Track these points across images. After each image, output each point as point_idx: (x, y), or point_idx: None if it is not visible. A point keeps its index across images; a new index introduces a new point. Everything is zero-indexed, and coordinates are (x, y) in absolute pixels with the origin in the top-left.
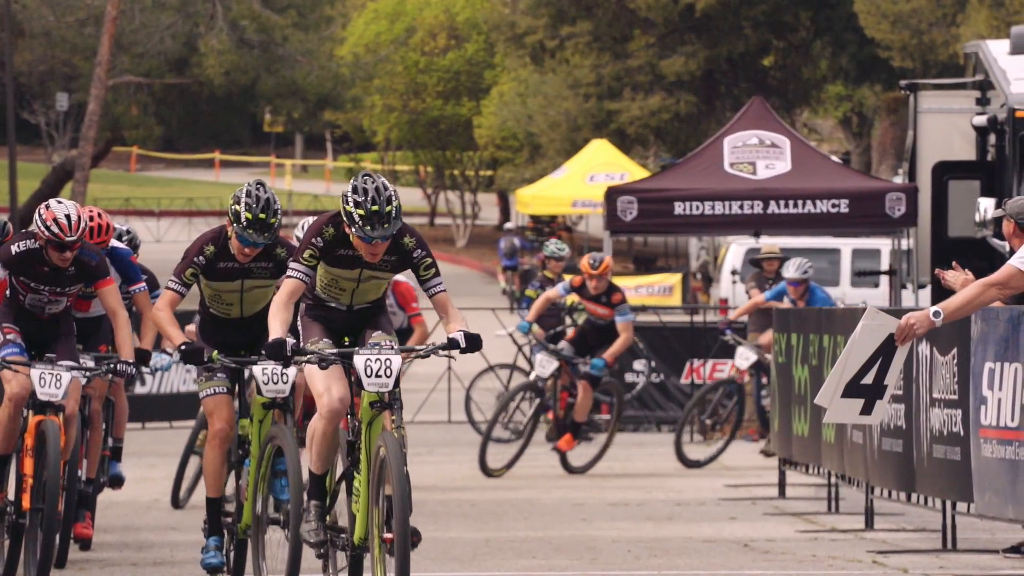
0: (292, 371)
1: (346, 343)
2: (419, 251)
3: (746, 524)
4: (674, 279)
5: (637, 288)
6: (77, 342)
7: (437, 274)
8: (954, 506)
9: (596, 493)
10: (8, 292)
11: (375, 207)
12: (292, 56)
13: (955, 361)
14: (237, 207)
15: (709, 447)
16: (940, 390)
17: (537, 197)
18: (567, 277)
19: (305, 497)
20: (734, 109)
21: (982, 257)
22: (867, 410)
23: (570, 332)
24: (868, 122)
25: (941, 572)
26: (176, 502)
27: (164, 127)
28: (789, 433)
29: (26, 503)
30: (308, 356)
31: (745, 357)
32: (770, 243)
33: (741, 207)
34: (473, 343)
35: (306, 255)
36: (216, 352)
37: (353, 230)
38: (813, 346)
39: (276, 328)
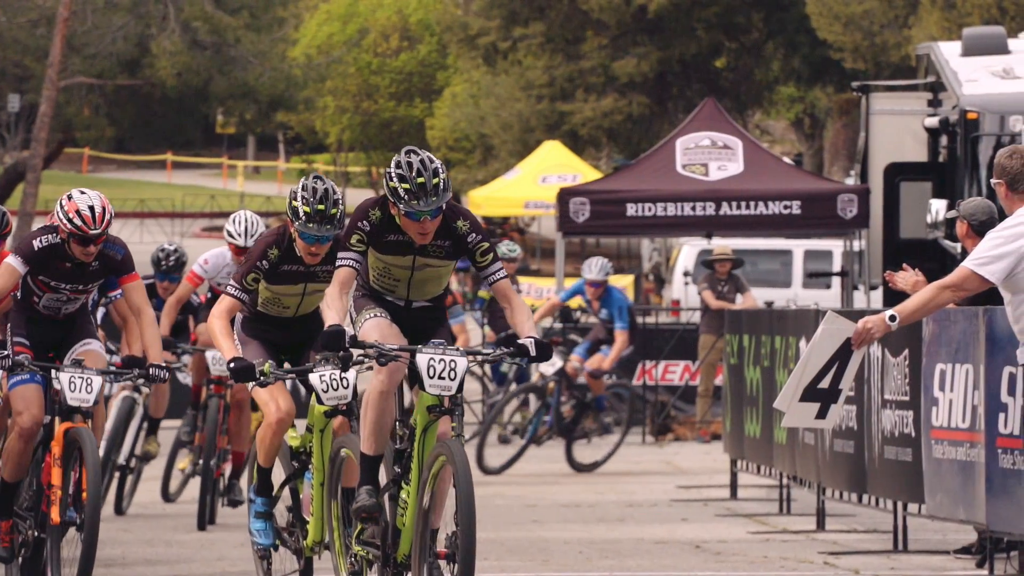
0: (352, 374)
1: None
2: (474, 235)
3: (698, 525)
4: (626, 280)
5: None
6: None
7: (496, 259)
8: (905, 507)
9: (548, 495)
10: (20, 294)
11: (421, 179)
12: (244, 57)
13: (907, 363)
14: (295, 203)
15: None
16: (892, 391)
17: (489, 198)
18: (521, 280)
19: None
20: (686, 111)
21: (933, 259)
22: (822, 414)
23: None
24: (820, 124)
25: (892, 573)
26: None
27: (116, 128)
28: (741, 434)
29: (55, 517)
30: (367, 350)
31: (552, 363)
32: (722, 244)
33: (693, 208)
34: (543, 352)
35: (353, 240)
36: (268, 364)
37: (400, 207)
38: (765, 347)
39: (332, 317)
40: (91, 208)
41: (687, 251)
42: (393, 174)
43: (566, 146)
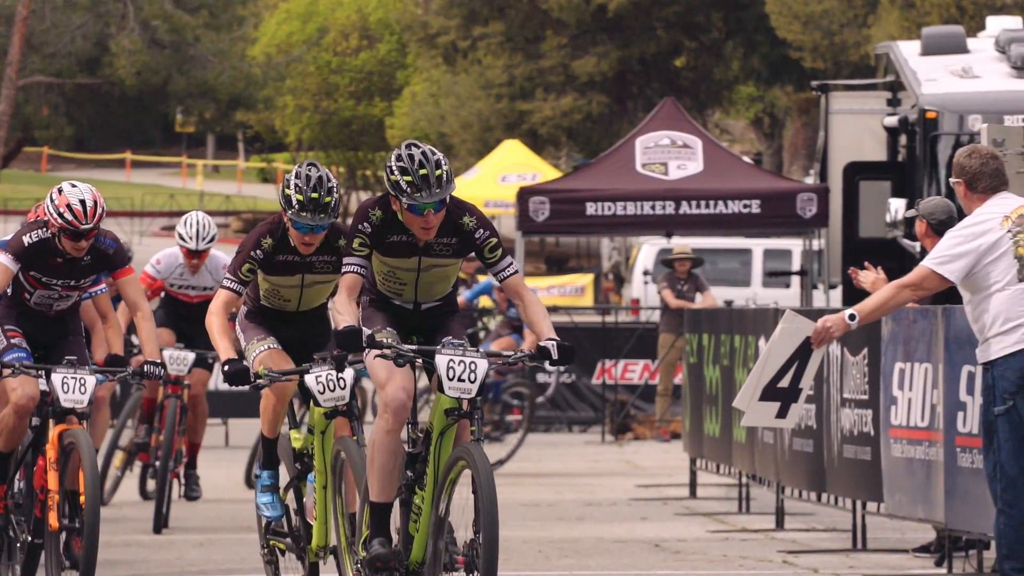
0: (349, 375)
1: (414, 341)
2: (482, 231)
3: (657, 524)
4: (586, 279)
5: (549, 288)
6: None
7: (505, 255)
8: (864, 506)
9: (508, 493)
10: (10, 290)
11: (423, 171)
12: (204, 56)
13: (865, 361)
14: (287, 191)
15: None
16: (851, 390)
17: None
18: (481, 278)
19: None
20: (646, 110)
21: (892, 258)
22: (782, 413)
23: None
24: (780, 123)
25: (851, 572)
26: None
27: (75, 127)
28: (700, 433)
29: (53, 522)
30: (383, 350)
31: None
32: (682, 243)
33: (653, 207)
34: (566, 355)
35: (356, 244)
36: (262, 368)
37: (403, 200)
38: (724, 346)
39: (345, 320)
40: (82, 202)
41: (647, 250)
42: (394, 167)
43: (526, 145)
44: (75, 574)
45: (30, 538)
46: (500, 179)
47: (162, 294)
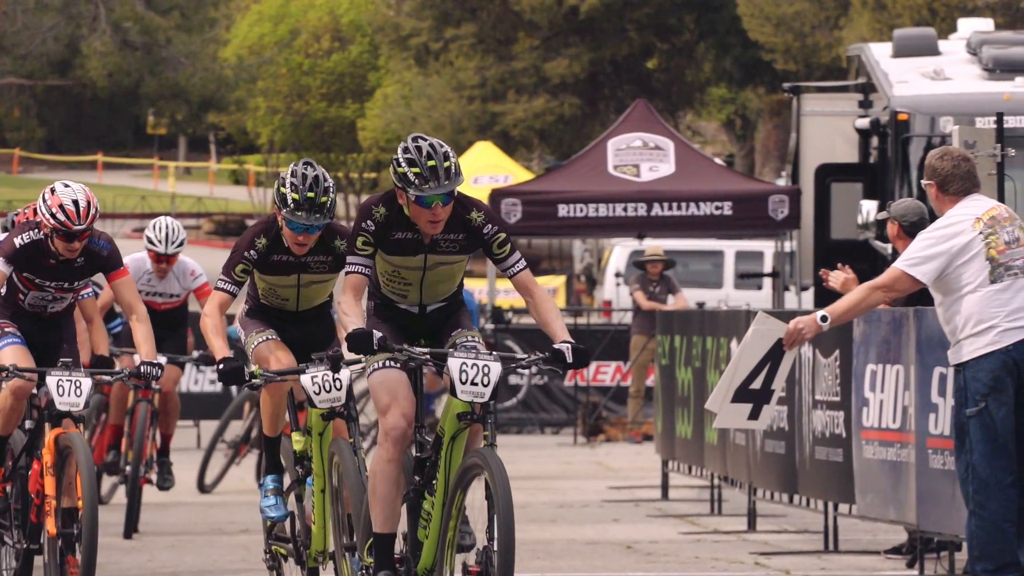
0: (345, 376)
1: (422, 344)
2: (490, 226)
3: (629, 526)
4: (558, 281)
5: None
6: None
7: (514, 250)
8: (836, 507)
9: (479, 496)
10: (4, 290)
11: (432, 162)
12: (175, 58)
13: (837, 363)
14: (283, 189)
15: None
16: (822, 392)
17: None
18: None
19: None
20: (618, 111)
21: (864, 259)
22: (755, 415)
23: None
24: (751, 125)
25: (823, 573)
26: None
27: (47, 129)
28: (672, 435)
29: (51, 528)
30: (395, 353)
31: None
32: (654, 245)
33: (625, 209)
34: (580, 358)
35: (359, 243)
36: (257, 368)
37: (410, 192)
38: (696, 348)
39: (353, 321)
40: (75, 203)
41: (619, 252)
42: (401, 159)
43: (498, 147)
44: None
45: (26, 544)
46: (472, 181)
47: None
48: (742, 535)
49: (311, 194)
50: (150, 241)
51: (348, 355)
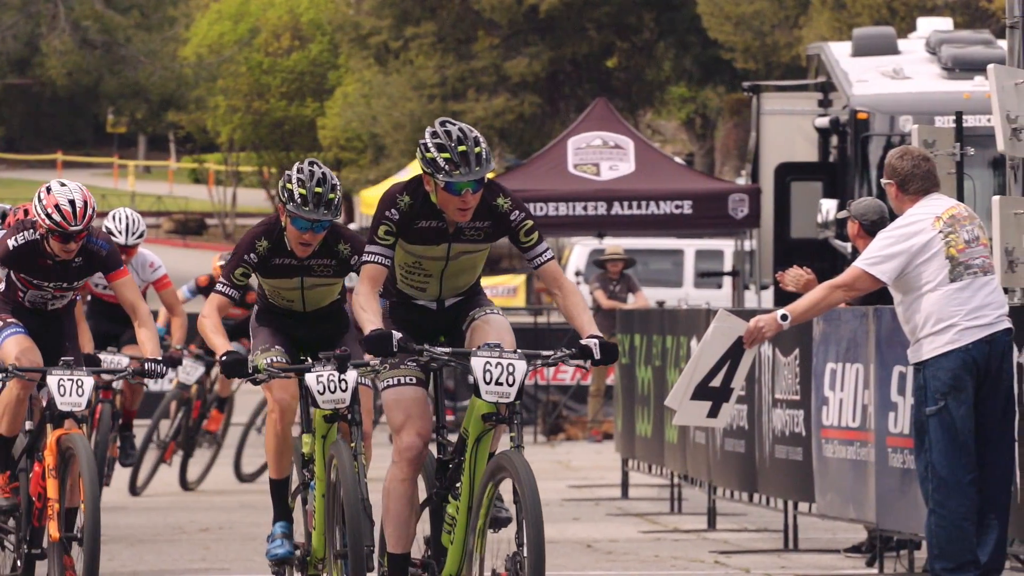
0: (351, 377)
1: (442, 341)
2: (517, 212)
3: (589, 525)
4: (518, 280)
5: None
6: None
7: (541, 240)
8: (796, 506)
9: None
10: (4, 286)
11: (462, 148)
12: (135, 57)
13: (797, 362)
14: (289, 185)
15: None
16: (782, 391)
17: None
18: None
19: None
20: (578, 110)
21: (824, 258)
22: (713, 413)
23: None
24: (711, 124)
25: (783, 572)
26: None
27: (6, 127)
28: (632, 434)
29: (54, 532)
30: (416, 355)
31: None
32: (614, 244)
33: (585, 208)
34: (609, 354)
35: (381, 232)
36: (263, 361)
37: (439, 178)
38: (656, 347)
39: (371, 319)
40: (72, 202)
41: (579, 251)
42: (430, 144)
43: None
44: None
45: (27, 549)
46: None
47: (88, 296)
48: (702, 534)
49: (319, 189)
50: (110, 231)
51: (358, 357)
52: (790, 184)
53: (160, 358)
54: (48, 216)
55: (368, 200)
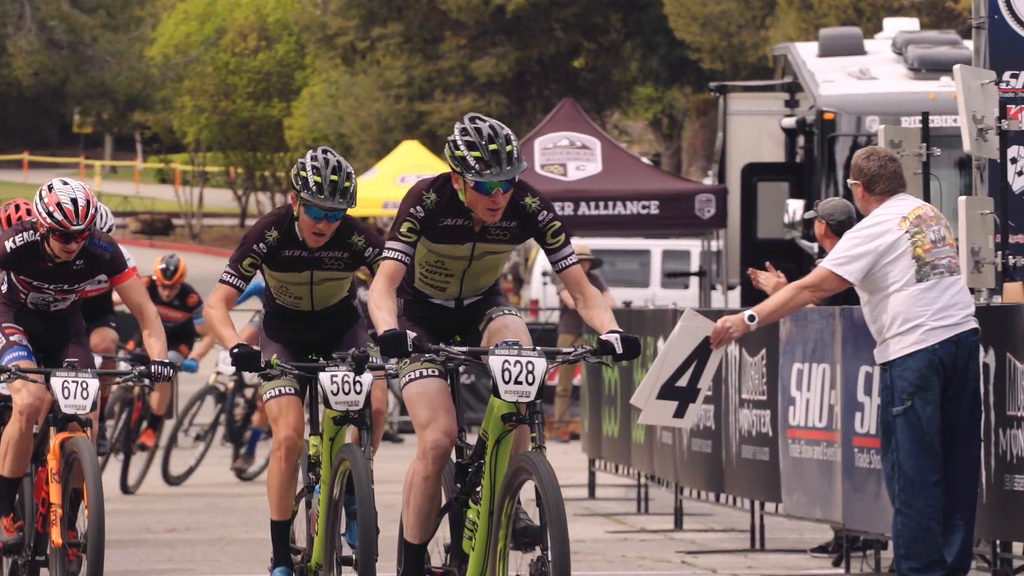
0: (367, 379)
1: (457, 341)
2: (545, 213)
3: None
4: None
5: None
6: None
7: (568, 242)
8: (762, 506)
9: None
10: (6, 287)
11: (493, 146)
12: (101, 57)
13: (764, 362)
14: (303, 173)
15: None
16: (749, 391)
17: None
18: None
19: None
20: (545, 111)
21: (790, 259)
22: (680, 413)
23: None
24: (678, 124)
25: (749, 572)
26: None
27: None
28: (599, 434)
29: (56, 538)
30: (431, 354)
31: (227, 361)
32: (581, 244)
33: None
34: (631, 348)
35: (404, 229)
36: (275, 356)
37: (468, 177)
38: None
39: (386, 318)
40: (74, 201)
41: None
42: (459, 142)
43: (424, 146)
44: None
45: (31, 556)
46: (399, 180)
47: None
48: (669, 534)
49: (334, 177)
50: None
51: (375, 359)
52: (757, 184)
53: (167, 360)
54: (49, 215)
55: None
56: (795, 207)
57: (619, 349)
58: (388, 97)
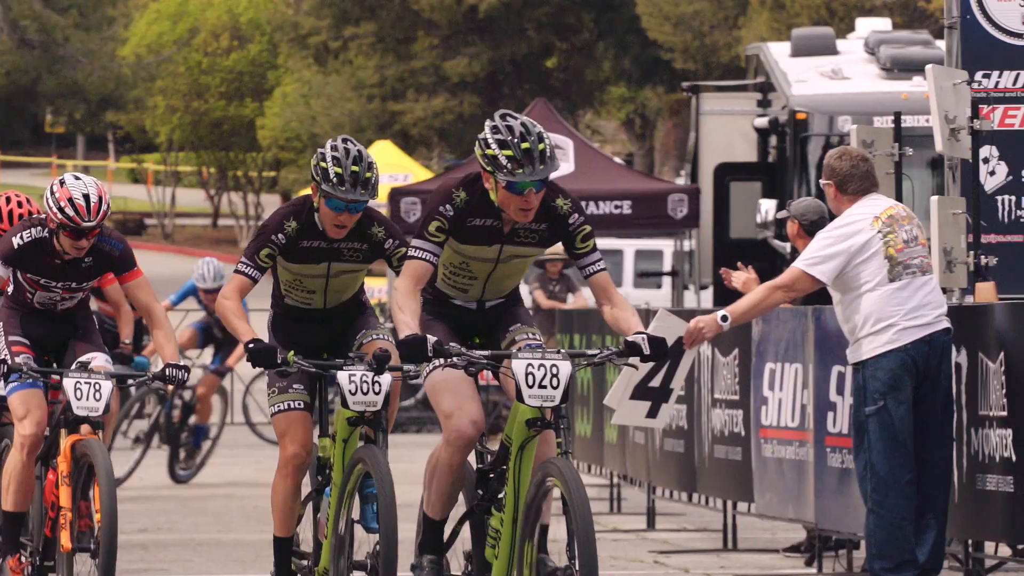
0: (386, 379)
1: (477, 343)
2: (576, 216)
3: None
4: None
5: None
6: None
7: (596, 248)
8: (735, 506)
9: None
10: (11, 288)
11: (525, 144)
12: (74, 56)
13: (736, 362)
14: (323, 164)
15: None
16: (722, 391)
17: None
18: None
19: (415, 550)
20: (517, 110)
21: (763, 258)
22: (653, 413)
23: None
24: (651, 124)
25: (722, 572)
26: None
27: None
28: (572, 434)
29: (66, 543)
30: (454, 358)
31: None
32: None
33: None
34: (658, 349)
35: (432, 228)
36: (292, 353)
37: (499, 176)
38: (596, 347)
39: (407, 322)
40: (86, 196)
41: None
42: (490, 140)
43: (397, 146)
44: None
45: (39, 561)
46: None
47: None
48: (641, 534)
49: (355, 168)
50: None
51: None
52: (729, 184)
53: (180, 363)
54: (60, 210)
55: None
56: (768, 207)
57: (646, 350)
58: (360, 97)
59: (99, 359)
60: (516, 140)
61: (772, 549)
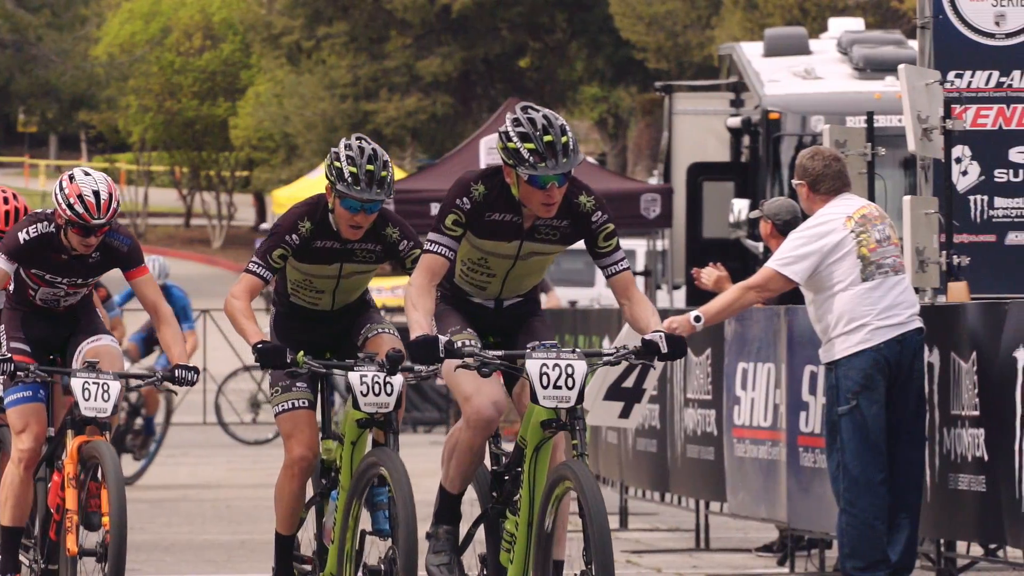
0: (398, 380)
1: (491, 342)
2: (599, 214)
3: None
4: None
5: (393, 289)
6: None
7: (619, 247)
8: (707, 506)
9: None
10: (13, 286)
11: (548, 137)
12: (46, 56)
13: (709, 362)
14: (337, 163)
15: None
16: (694, 390)
17: (293, 198)
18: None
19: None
20: (490, 110)
21: (736, 258)
22: (625, 413)
23: None
24: (624, 123)
25: (694, 571)
26: None
27: None
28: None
29: (71, 546)
30: (466, 359)
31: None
32: None
33: None
34: (676, 347)
35: (449, 221)
36: (302, 354)
37: (521, 170)
38: (569, 347)
39: (420, 320)
40: (96, 193)
41: None
42: (512, 133)
43: None
44: None
45: (43, 564)
46: None
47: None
48: (614, 533)
49: (370, 167)
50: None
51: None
52: (702, 184)
53: (189, 364)
54: (70, 206)
55: (280, 200)
56: (740, 207)
57: (664, 348)
58: (334, 96)
59: (104, 340)
60: (539, 133)
61: (745, 549)
